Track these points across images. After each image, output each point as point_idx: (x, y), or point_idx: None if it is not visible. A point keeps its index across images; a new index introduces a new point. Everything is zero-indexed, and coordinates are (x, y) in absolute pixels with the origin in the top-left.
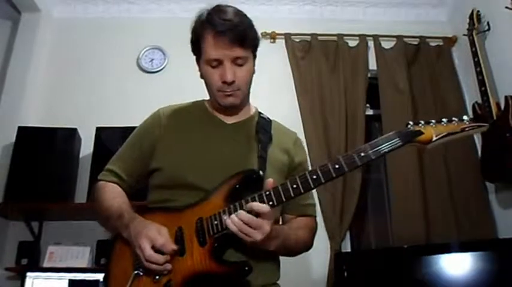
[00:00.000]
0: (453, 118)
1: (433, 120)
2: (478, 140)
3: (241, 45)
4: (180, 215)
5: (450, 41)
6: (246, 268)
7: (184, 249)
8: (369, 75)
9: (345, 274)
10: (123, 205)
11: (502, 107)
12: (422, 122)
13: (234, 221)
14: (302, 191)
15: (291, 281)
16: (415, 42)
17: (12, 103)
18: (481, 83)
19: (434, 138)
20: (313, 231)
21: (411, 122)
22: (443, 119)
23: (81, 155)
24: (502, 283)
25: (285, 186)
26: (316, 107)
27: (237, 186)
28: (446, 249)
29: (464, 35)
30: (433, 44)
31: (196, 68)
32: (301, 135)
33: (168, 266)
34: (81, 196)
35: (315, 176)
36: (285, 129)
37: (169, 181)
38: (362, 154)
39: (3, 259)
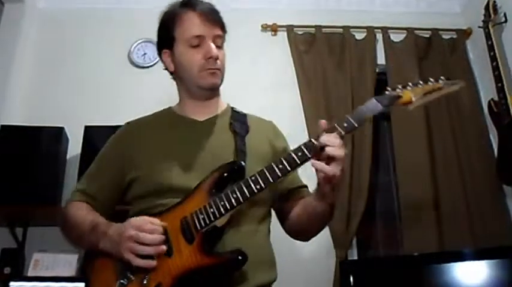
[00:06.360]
0: (430, 79)
1: (410, 83)
2: (494, 140)
3: (220, 26)
4: (163, 219)
5: (464, 34)
6: (240, 257)
7: (172, 250)
8: (377, 70)
9: (351, 283)
10: (97, 218)
11: None
12: (400, 86)
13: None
14: (289, 168)
15: None
16: (427, 35)
17: None
18: (497, 78)
19: (413, 99)
20: None
21: (389, 88)
22: (420, 81)
23: (68, 156)
24: None
25: (270, 167)
26: (321, 104)
27: (221, 178)
28: (460, 257)
29: (479, 27)
30: (446, 36)
31: None
32: (305, 135)
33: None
34: None
35: (300, 153)
36: (261, 119)
37: (150, 188)
38: (345, 124)
39: None
